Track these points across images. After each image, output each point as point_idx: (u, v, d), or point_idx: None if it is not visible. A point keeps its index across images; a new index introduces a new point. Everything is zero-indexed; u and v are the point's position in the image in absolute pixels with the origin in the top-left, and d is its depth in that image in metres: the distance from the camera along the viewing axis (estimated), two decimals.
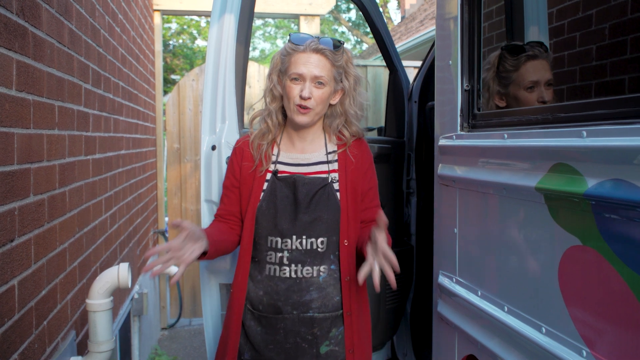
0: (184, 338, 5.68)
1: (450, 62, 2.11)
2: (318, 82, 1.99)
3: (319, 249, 2.04)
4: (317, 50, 2.00)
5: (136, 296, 4.04)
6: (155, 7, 5.56)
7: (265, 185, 2.08)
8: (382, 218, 1.74)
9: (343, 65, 2.05)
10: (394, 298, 3.18)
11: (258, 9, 4.82)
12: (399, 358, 3.44)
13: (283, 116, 2.14)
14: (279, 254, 2.04)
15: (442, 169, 2.17)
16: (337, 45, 2.04)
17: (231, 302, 2.13)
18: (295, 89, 1.99)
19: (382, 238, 1.73)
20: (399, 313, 3.26)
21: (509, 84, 2.29)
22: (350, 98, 2.09)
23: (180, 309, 6.00)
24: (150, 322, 5.00)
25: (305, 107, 1.99)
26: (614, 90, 2.86)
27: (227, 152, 2.51)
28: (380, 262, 1.71)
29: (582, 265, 1.40)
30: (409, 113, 3.38)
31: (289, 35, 2.08)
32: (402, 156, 3.32)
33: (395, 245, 3.12)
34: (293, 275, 2.04)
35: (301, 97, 1.98)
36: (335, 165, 2.10)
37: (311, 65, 1.98)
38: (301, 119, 2.01)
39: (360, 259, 1.93)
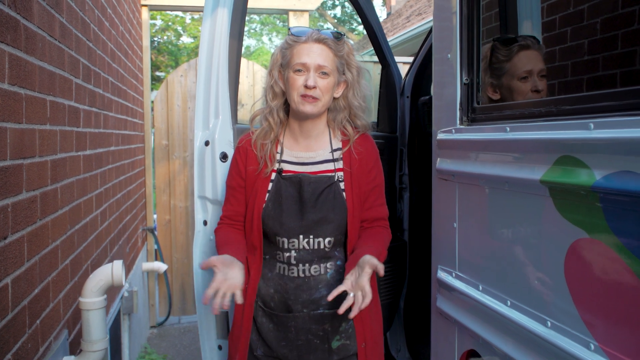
0: (174, 336, 5.63)
1: (449, 55, 2.09)
2: (322, 72, 1.96)
3: (325, 249, 2.03)
4: (319, 40, 1.97)
5: (126, 294, 3.98)
6: (143, 2, 5.50)
7: (270, 185, 2.04)
8: (378, 269, 1.79)
9: (345, 56, 2.03)
10: (387, 294, 3.16)
11: (248, 4, 4.78)
12: (392, 354, 3.43)
13: (285, 114, 2.10)
14: (287, 254, 2.02)
15: (440, 163, 2.15)
16: (338, 36, 2.02)
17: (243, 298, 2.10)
18: (299, 80, 1.96)
19: (366, 275, 1.78)
20: (393, 309, 3.25)
21: (502, 74, 2.28)
22: (353, 90, 2.07)
23: (169, 307, 5.94)
24: (140, 321, 4.94)
25: (311, 97, 1.95)
26: (606, 85, 2.86)
27: (220, 147, 2.48)
28: (357, 296, 1.77)
29: (590, 258, 1.39)
30: (402, 108, 3.37)
31: (289, 28, 2.05)
32: (394, 151, 3.31)
33: None
34: (301, 274, 2.02)
35: (306, 87, 1.94)
36: (341, 164, 2.07)
37: (314, 54, 1.95)
38: (307, 108, 1.97)
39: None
